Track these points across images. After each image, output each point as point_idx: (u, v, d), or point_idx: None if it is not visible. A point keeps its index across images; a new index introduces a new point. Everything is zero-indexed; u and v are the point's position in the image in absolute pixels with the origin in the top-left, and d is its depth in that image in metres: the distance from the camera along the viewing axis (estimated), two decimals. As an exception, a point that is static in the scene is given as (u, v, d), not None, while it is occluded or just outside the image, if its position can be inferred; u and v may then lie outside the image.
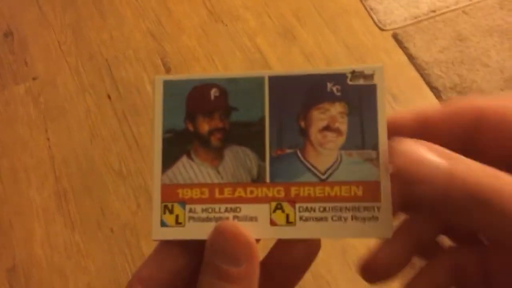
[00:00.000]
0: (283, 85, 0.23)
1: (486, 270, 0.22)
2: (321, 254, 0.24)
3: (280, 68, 1.02)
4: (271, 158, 0.23)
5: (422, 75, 0.98)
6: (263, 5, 1.12)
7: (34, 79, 1.05)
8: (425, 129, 0.22)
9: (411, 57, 1.00)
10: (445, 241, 0.24)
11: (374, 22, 1.07)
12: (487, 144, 0.22)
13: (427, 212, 0.22)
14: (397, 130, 0.22)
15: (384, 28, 1.06)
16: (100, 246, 0.85)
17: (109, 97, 1.01)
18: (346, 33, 1.06)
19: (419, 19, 1.06)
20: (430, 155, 0.20)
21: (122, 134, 0.96)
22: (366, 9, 1.09)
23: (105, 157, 0.94)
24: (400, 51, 1.02)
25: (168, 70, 1.04)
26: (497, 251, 0.22)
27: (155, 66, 1.05)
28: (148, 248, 0.85)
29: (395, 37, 1.04)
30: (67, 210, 0.89)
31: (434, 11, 1.07)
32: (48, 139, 0.97)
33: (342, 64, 1.02)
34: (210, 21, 1.10)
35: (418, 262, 0.23)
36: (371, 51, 1.03)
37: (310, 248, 0.23)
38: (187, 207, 0.23)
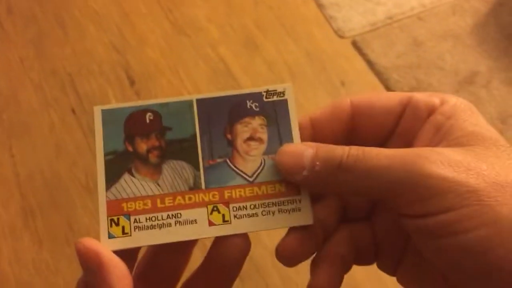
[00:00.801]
0: (209, 106, 0.27)
1: (375, 241, 0.28)
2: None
3: (244, 77, 1.04)
4: (205, 167, 0.26)
5: (381, 80, 1.01)
6: (225, 16, 1.14)
7: (-4, 96, 1.04)
8: (316, 129, 0.28)
9: (370, 63, 1.04)
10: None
11: (334, 30, 1.10)
12: (363, 131, 0.27)
13: (316, 192, 0.27)
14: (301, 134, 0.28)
15: (343, 35, 1.09)
16: (69, 262, 0.85)
17: (73, 111, 1.01)
18: (307, 41, 1.09)
19: (377, 26, 1.09)
20: (298, 149, 0.25)
21: (88, 148, 0.96)
22: (325, 17, 1.12)
23: (71, 172, 0.94)
24: (359, 58, 1.05)
25: (132, 83, 1.04)
26: (380, 220, 0.28)
27: (119, 79, 1.05)
28: (118, 261, 0.85)
29: (354, 44, 1.07)
30: (34, 227, 0.88)
31: (390, 18, 1.10)
32: (13, 156, 0.96)
33: (304, 71, 1.04)
34: (173, 33, 1.11)
35: None
36: (332, 58, 1.06)
37: (242, 245, 0.26)
38: (132, 218, 0.26)
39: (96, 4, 1.17)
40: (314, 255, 0.28)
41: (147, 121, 0.27)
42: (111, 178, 0.26)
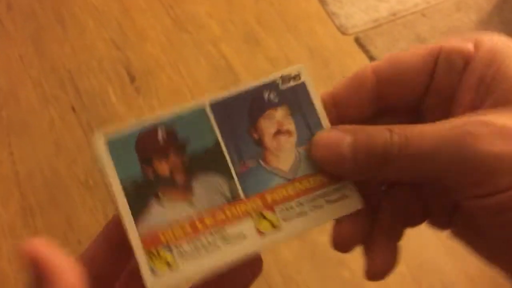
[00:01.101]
0: (225, 106, 0.24)
1: (423, 204, 0.26)
2: (290, 257, 0.26)
3: (245, 73, 1.03)
4: (238, 174, 0.24)
5: (384, 77, 1.00)
6: (226, 12, 1.13)
7: (-5, 93, 1.03)
8: (339, 106, 0.25)
9: (373, 60, 1.03)
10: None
11: (336, 27, 1.09)
12: (393, 98, 0.25)
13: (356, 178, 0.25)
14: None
15: (346, 32, 1.08)
16: (69, 260, 0.84)
17: (73, 108, 1.00)
18: (309, 37, 1.08)
19: (380, 22, 1.08)
20: (334, 140, 0.23)
21: (87, 145, 0.95)
22: (327, 14, 1.11)
23: (71, 170, 0.93)
24: (362, 54, 1.04)
25: (132, 80, 1.03)
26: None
27: (120, 75, 1.04)
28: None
29: (357, 40, 1.06)
30: (33, 225, 0.88)
31: (394, 15, 1.09)
32: (12, 154, 0.95)
33: (306, 68, 1.03)
34: (174, 30, 1.10)
35: None
36: (334, 55, 1.05)
37: (253, 269, 0.24)
38: (173, 247, 0.23)
39: (96, 0, 1.16)
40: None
41: (161, 139, 0.23)
42: (138, 209, 0.23)
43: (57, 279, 0.19)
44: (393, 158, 0.22)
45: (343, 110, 0.25)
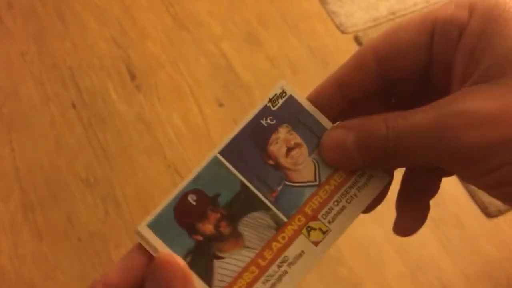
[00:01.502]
0: (233, 149, 0.26)
1: None
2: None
3: (245, 72, 1.03)
4: (273, 202, 0.25)
5: (383, 76, 1.01)
6: (227, 11, 1.13)
7: (-4, 90, 1.04)
8: (344, 88, 0.26)
9: (372, 59, 1.03)
10: None
11: (336, 26, 1.09)
12: (396, 73, 0.25)
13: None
14: (326, 107, 0.27)
15: (345, 31, 1.08)
16: (69, 256, 0.85)
17: (74, 106, 1.00)
18: (309, 37, 1.08)
19: (379, 21, 1.08)
20: (338, 140, 0.25)
21: (88, 142, 0.96)
22: (327, 13, 1.11)
23: (71, 166, 0.93)
24: (362, 53, 1.04)
25: (133, 77, 1.04)
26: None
27: (120, 73, 1.04)
28: (117, 256, 0.84)
29: (357, 39, 1.06)
30: (33, 221, 0.88)
31: (393, 14, 1.10)
32: (13, 150, 0.96)
33: (306, 67, 1.04)
34: (174, 28, 1.11)
35: None
36: (334, 53, 1.05)
37: None
38: None
39: (97, -2, 1.16)
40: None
41: (194, 203, 0.25)
42: (205, 274, 0.24)
43: (189, 280, 0.23)
44: (391, 152, 0.23)
45: (348, 91, 0.26)
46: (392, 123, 0.23)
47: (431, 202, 0.28)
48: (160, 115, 0.99)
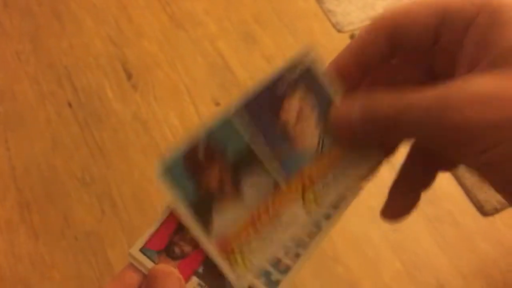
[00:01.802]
0: (247, 110, 0.26)
1: None
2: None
3: (242, 71, 1.03)
4: (276, 166, 0.26)
5: (380, 75, 1.01)
6: (224, 10, 1.13)
7: (-8, 89, 1.03)
8: (360, 57, 0.27)
9: (369, 58, 1.03)
10: None
11: (332, 24, 1.09)
12: (404, 43, 0.26)
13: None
14: (344, 76, 0.28)
15: (342, 30, 1.08)
16: (65, 255, 0.84)
17: (69, 105, 1.00)
18: (306, 35, 1.08)
19: (376, 20, 1.08)
20: (344, 116, 0.26)
21: (84, 141, 0.96)
22: (324, 11, 1.11)
23: (67, 166, 0.93)
24: (358, 52, 1.04)
25: (129, 76, 1.04)
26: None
27: (116, 72, 1.04)
28: (113, 255, 0.84)
29: (352, 38, 1.06)
30: (30, 220, 0.88)
31: (389, 13, 1.10)
32: (8, 149, 0.96)
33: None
34: (170, 27, 1.11)
35: None
36: (330, 52, 1.04)
37: None
38: (244, 247, 0.25)
39: (93, -3, 1.16)
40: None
41: (202, 158, 0.25)
42: (205, 221, 0.25)
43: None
44: (392, 129, 0.24)
45: (363, 59, 0.27)
46: (395, 97, 0.24)
47: (428, 201, 0.28)
48: (157, 114, 0.99)
